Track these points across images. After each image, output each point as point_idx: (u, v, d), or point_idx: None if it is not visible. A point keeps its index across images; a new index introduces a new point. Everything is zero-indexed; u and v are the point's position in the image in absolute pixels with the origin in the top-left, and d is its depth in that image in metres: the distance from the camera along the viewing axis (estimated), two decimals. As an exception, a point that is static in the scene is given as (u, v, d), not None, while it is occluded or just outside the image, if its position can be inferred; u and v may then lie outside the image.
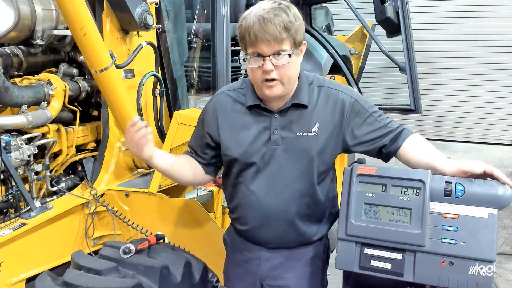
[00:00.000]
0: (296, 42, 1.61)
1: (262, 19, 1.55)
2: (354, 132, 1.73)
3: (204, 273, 1.94)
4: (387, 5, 3.42)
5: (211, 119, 1.80)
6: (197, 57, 3.26)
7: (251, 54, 1.60)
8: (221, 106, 1.80)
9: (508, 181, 1.50)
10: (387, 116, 1.80)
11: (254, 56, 1.60)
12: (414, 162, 1.70)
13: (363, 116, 1.73)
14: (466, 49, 7.38)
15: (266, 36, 1.55)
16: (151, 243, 1.85)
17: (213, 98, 1.84)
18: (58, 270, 2.12)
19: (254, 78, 1.65)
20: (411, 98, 3.64)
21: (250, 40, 1.57)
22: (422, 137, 1.76)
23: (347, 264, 1.59)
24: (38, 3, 2.26)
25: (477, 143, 7.53)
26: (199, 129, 1.87)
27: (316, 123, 1.71)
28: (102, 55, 2.10)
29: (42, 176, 2.32)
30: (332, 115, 1.72)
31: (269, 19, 1.54)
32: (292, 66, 1.63)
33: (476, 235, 1.47)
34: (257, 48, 1.58)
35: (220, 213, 2.77)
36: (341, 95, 1.73)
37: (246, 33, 1.58)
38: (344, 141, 1.74)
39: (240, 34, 1.62)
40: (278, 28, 1.54)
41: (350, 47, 5.52)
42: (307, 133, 1.71)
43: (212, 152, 1.85)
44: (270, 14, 1.55)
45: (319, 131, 1.71)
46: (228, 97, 1.80)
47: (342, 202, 1.60)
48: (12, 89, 2.09)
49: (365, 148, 1.76)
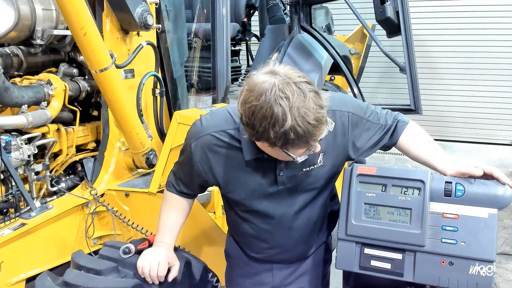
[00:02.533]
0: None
1: (316, 124, 1.33)
2: (356, 144, 1.66)
3: (204, 273, 1.94)
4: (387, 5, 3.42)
5: (202, 163, 1.62)
6: (197, 57, 3.26)
7: (298, 154, 1.41)
8: (211, 149, 1.59)
9: (508, 181, 1.49)
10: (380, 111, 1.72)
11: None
12: (413, 155, 1.70)
13: (361, 126, 1.66)
14: (466, 49, 7.37)
15: (317, 138, 1.37)
16: (151, 243, 1.84)
17: (196, 140, 1.61)
18: (58, 270, 2.12)
19: (275, 156, 1.47)
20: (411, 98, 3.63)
21: (306, 142, 1.36)
22: (417, 126, 1.74)
23: (347, 264, 1.59)
24: (38, 3, 2.26)
25: (477, 143, 7.53)
26: (187, 169, 1.68)
27: (320, 154, 1.60)
28: (102, 55, 2.10)
29: (42, 176, 2.32)
30: (334, 139, 1.61)
31: (320, 120, 1.34)
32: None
33: (476, 235, 1.47)
34: (309, 147, 1.40)
35: (220, 213, 2.76)
36: (338, 114, 1.58)
37: (302, 138, 1.33)
38: (348, 155, 1.67)
39: (291, 138, 1.32)
40: (324, 128, 1.37)
41: (350, 47, 5.51)
42: (314, 166, 1.61)
43: (206, 188, 1.79)
44: (318, 115, 1.33)
45: (324, 159, 1.62)
46: (218, 140, 1.58)
47: (342, 202, 1.60)
48: (12, 89, 2.08)
49: (367, 154, 1.73)
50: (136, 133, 2.38)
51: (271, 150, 1.43)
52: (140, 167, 2.58)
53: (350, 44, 5.69)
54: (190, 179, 1.73)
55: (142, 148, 2.46)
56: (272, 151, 1.44)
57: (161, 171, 2.35)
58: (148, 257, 1.73)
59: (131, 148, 2.46)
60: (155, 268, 1.70)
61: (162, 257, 1.73)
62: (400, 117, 1.73)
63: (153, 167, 2.55)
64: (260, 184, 1.61)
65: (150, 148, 2.52)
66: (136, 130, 2.38)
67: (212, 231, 2.37)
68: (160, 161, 2.39)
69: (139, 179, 2.57)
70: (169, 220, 1.82)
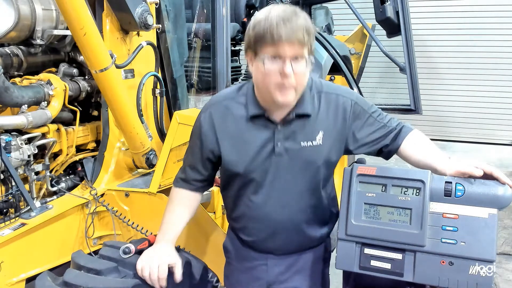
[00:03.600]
0: (311, 49, 1.56)
1: (287, 20, 1.47)
2: (356, 135, 1.71)
3: (204, 273, 1.94)
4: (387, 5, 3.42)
5: (208, 132, 1.71)
6: (197, 57, 3.26)
7: (271, 55, 1.50)
8: (218, 117, 1.70)
9: (508, 181, 1.50)
10: (386, 114, 1.79)
11: (272, 58, 1.50)
12: (414, 161, 1.70)
13: (363, 118, 1.71)
14: (466, 49, 7.38)
15: (291, 37, 1.47)
16: (151, 243, 1.84)
17: (207, 109, 1.74)
18: (58, 270, 2.12)
19: (268, 82, 1.54)
20: (411, 98, 3.64)
21: (273, 39, 1.48)
22: (421, 134, 1.76)
23: (347, 264, 1.59)
24: (38, 3, 2.26)
25: (477, 143, 7.53)
26: (196, 144, 1.77)
27: (320, 131, 1.66)
28: (102, 55, 2.10)
29: (42, 176, 2.32)
30: (335, 121, 1.68)
31: (294, 21, 1.48)
32: (307, 73, 1.58)
33: (476, 235, 1.47)
34: (278, 49, 1.48)
35: (220, 213, 2.77)
36: (341, 99, 1.69)
37: (267, 32, 1.48)
38: (346, 144, 1.72)
39: (257, 34, 1.51)
40: (302, 31, 1.49)
41: (350, 47, 5.51)
42: (312, 143, 1.66)
43: (212, 167, 1.81)
44: (294, 16, 1.49)
45: (323, 139, 1.67)
46: (224, 107, 1.71)
47: (342, 202, 1.60)
48: (12, 89, 2.08)
49: (366, 150, 1.75)
50: (136, 133, 2.38)
51: (256, 67, 1.56)
52: (140, 167, 2.58)
53: (350, 44, 5.69)
54: (198, 157, 1.78)
55: (142, 148, 2.46)
56: (263, 71, 1.53)
57: (161, 171, 2.35)
58: (148, 260, 1.72)
59: (131, 148, 2.46)
60: (155, 271, 1.69)
61: (162, 258, 1.72)
62: (405, 124, 1.77)
63: (153, 167, 2.55)
64: (259, 153, 1.66)
65: (150, 148, 2.52)
66: (136, 130, 2.38)
67: (212, 231, 2.37)
68: (160, 161, 2.39)
69: (139, 179, 2.57)
70: (173, 216, 1.82)
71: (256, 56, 1.55)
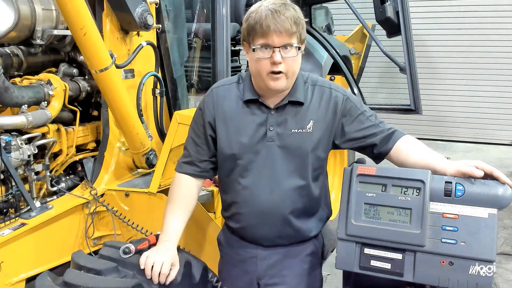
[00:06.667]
0: (302, 38, 1.68)
1: (274, 11, 1.61)
2: (344, 128, 1.76)
3: (204, 273, 1.94)
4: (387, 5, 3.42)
5: (211, 110, 1.82)
6: (197, 57, 3.26)
7: (261, 44, 1.64)
8: (219, 99, 1.82)
9: (508, 181, 1.50)
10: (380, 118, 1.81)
11: (263, 47, 1.64)
12: (411, 162, 1.69)
13: (354, 114, 1.76)
14: (466, 49, 7.39)
15: (278, 28, 1.60)
16: (151, 243, 1.84)
17: (212, 91, 1.86)
18: (58, 270, 2.12)
19: (260, 70, 1.67)
20: (411, 98, 3.64)
21: (262, 30, 1.62)
22: (414, 138, 1.76)
23: (347, 264, 1.59)
24: (38, 3, 2.26)
25: (476, 143, 7.54)
26: (199, 122, 1.86)
27: (311, 120, 1.75)
28: (102, 55, 2.10)
29: (42, 176, 2.32)
30: (326, 113, 1.76)
31: (282, 12, 1.61)
32: (297, 60, 1.69)
33: (476, 235, 1.47)
34: (267, 39, 1.62)
35: (220, 213, 2.76)
36: (334, 93, 1.78)
37: (257, 24, 1.62)
38: (334, 138, 1.78)
39: (249, 26, 1.66)
40: (289, 21, 1.61)
41: (350, 47, 5.53)
42: (302, 130, 1.74)
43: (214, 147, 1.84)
44: (282, 8, 1.62)
45: (314, 128, 1.75)
46: (225, 90, 1.84)
47: (342, 202, 1.61)
48: (12, 89, 2.08)
49: (353, 145, 1.78)
50: (136, 133, 2.38)
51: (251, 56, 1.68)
52: (140, 167, 2.58)
53: (350, 44, 5.70)
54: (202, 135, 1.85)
55: (142, 148, 2.46)
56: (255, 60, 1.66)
57: (161, 171, 2.35)
58: (154, 254, 1.75)
59: (131, 148, 2.46)
60: (159, 264, 1.71)
61: (167, 257, 1.75)
62: (398, 130, 1.80)
63: (153, 167, 2.55)
64: (252, 137, 1.75)
65: (150, 148, 2.52)
66: (136, 130, 2.38)
67: (212, 231, 2.37)
68: (160, 161, 2.39)
69: (139, 179, 2.57)
70: (175, 215, 1.84)
71: (249, 46, 1.69)
